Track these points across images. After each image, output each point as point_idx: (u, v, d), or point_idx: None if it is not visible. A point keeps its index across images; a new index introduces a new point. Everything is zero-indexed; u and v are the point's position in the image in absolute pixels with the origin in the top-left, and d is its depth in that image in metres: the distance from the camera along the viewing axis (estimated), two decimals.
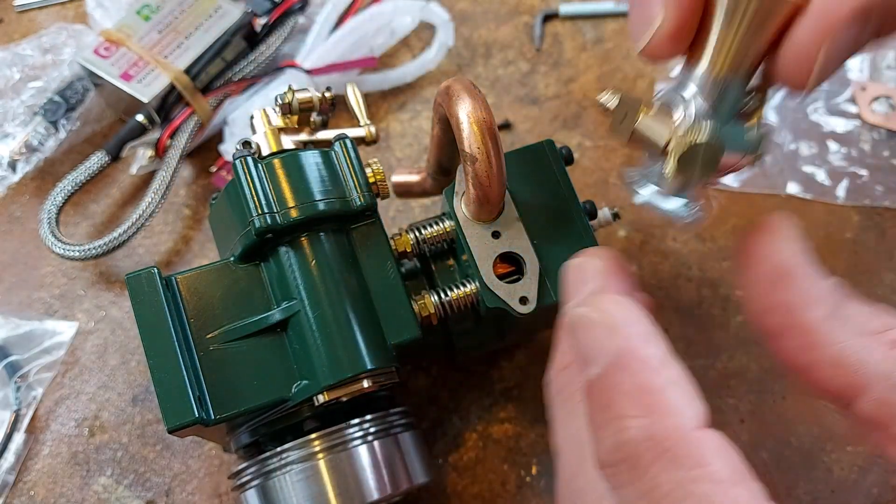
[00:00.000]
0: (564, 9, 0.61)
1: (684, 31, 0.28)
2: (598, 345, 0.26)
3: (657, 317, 0.45)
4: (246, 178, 0.37)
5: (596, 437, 0.26)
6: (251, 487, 0.38)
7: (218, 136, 0.56)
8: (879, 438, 0.27)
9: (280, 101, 0.41)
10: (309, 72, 0.56)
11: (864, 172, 0.53)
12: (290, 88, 0.41)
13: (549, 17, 0.61)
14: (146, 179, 0.54)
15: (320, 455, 0.37)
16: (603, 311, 0.27)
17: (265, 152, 0.40)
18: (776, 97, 0.57)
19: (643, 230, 0.52)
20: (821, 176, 0.54)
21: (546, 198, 0.39)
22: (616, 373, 0.25)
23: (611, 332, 0.26)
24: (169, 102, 0.53)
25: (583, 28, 0.60)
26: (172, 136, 0.53)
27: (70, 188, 0.51)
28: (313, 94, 0.41)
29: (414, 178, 0.47)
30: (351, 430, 0.37)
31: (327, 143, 0.41)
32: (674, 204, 0.30)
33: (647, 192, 0.31)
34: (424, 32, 0.60)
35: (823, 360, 0.27)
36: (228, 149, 0.54)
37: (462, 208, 0.38)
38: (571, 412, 0.29)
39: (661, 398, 0.25)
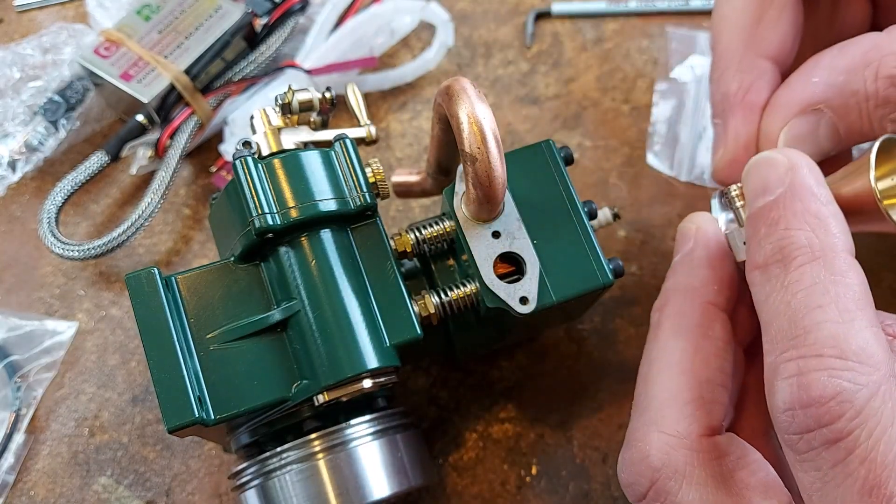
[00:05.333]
0: (557, 7, 0.61)
1: (737, 163, 0.38)
2: (777, 176, 0.32)
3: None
4: (246, 178, 0.37)
5: (755, 246, 0.32)
6: (251, 487, 0.38)
7: (218, 136, 0.56)
8: None
9: (280, 101, 0.41)
10: (309, 72, 0.56)
11: None
12: (290, 88, 0.41)
13: (542, 16, 0.61)
14: (146, 179, 0.54)
15: (320, 455, 0.37)
16: (787, 154, 0.33)
17: (265, 152, 0.40)
18: None
19: (643, 230, 0.52)
20: None
21: (546, 198, 0.39)
22: (790, 198, 0.31)
23: (791, 168, 0.32)
24: (169, 102, 0.53)
25: (583, 28, 0.60)
26: (172, 136, 0.53)
27: (70, 188, 0.51)
28: (313, 94, 0.41)
29: (414, 178, 0.47)
30: (351, 430, 0.37)
31: (327, 143, 0.41)
32: None
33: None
34: (424, 32, 0.60)
35: None
36: (228, 149, 0.54)
37: (462, 208, 0.38)
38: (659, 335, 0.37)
39: (825, 223, 0.30)
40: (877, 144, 0.33)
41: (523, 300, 0.37)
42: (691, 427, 0.33)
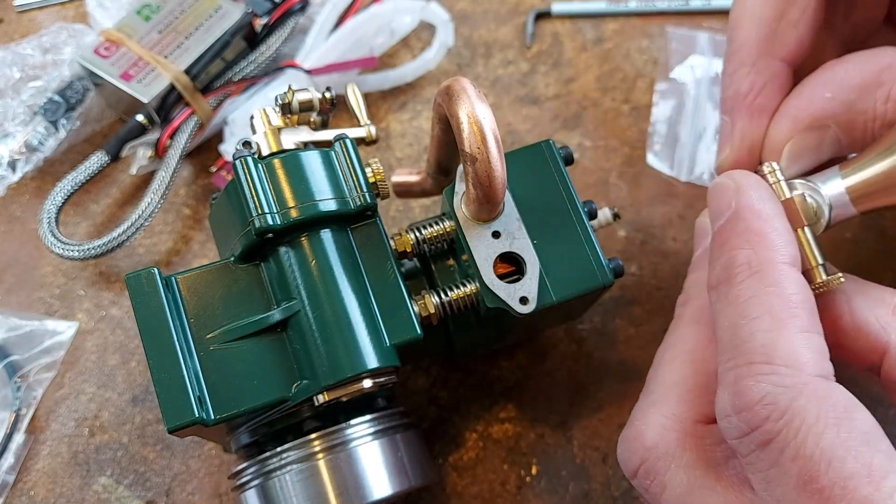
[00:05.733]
0: (557, 7, 0.61)
1: (741, 164, 0.39)
2: (726, 201, 0.34)
3: (657, 318, 0.45)
4: (246, 178, 0.37)
5: (710, 268, 0.34)
6: (251, 487, 0.38)
7: (218, 136, 0.56)
8: None
9: (280, 101, 0.41)
10: (309, 72, 0.56)
11: None
12: (290, 88, 0.41)
13: (542, 16, 0.61)
14: (146, 179, 0.54)
15: (320, 455, 0.37)
16: (734, 178, 0.35)
17: (265, 152, 0.40)
18: None
19: (643, 230, 0.52)
20: None
21: (546, 198, 0.39)
22: (735, 220, 0.33)
23: (737, 192, 0.34)
24: (169, 102, 0.53)
25: (583, 28, 0.60)
26: (172, 136, 0.53)
27: (70, 188, 0.51)
28: (313, 94, 0.41)
29: (414, 178, 0.47)
30: (351, 430, 0.37)
31: (327, 143, 0.41)
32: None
33: None
34: (424, 32, 0.60)
35: (850, 331, 0.34)
36: (228, 149, 0.54)
37: (462, 208, 0.38)
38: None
39: (764, 239, 0.32)
40: None
41: (523, 300, 0.37)
42: (689, 412, 0.34)
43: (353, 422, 0.38)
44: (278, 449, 0.37)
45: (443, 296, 0.38)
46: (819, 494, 0.27)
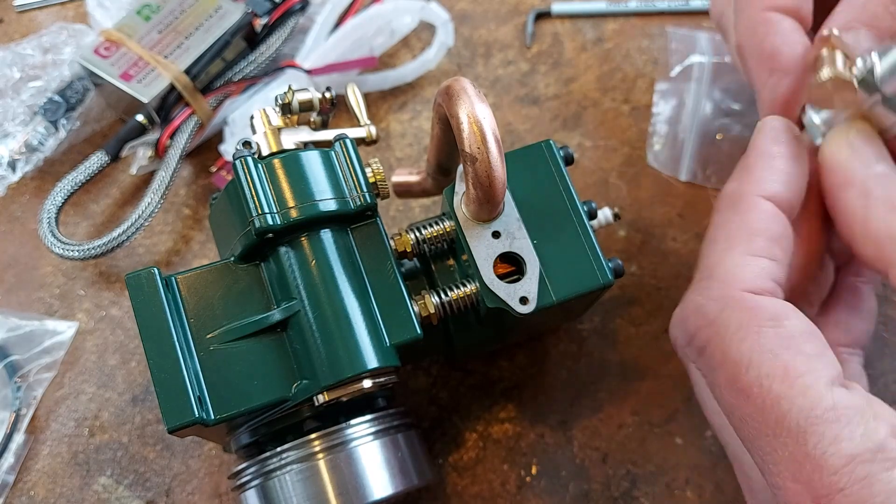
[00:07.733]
0: (557, 7, 0.61)
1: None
2: (752, 140, 0.37)
3: (657, 318, 0.45)
4: (246, 178, 0.37)
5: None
6: (251, 487, 0.38)
7: (218, 136, 0.56)
8: None
9: (280, 101, 0.41)
10: (309, 72, 0.56)
11: None
12: (290, 88, 0.41)
13: (542, 16, 0.61)
14: (146, 179, 0.54)
15: (320, 455, 0.37)
16: (765, 119, 0.37)
17: (265, 152, 0.40)
18: None
19: (643, 230, 0.52)
20: None
21: (546, 198, 0.39)
22: (746, 155, 0.36)
23: (758, 130, 0.37)
24: (169, 102, 0.53)
25: (583, 28, 0.60)
26: (172, 136, 0.53)
27: (70, 188, 0.51)
28: (313, 94, 0.41)
29: (414, 178, 0.47)
30: (351, 430, 0.37)
31: (327, 143, 0.41)
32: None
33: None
34: (424, 32, 0.60)
35: (859, 235, 0.34)
36: (228, 149, 0.54)
37: (462, 208, 0.38)
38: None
39: (750, 173, 0.35)
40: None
41: (523, 300, 0.37)
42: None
43: (353, 422, 0.38)
44: (278, 449, 0.37)
45: (443, 296, 0.38)
46: (742, 393, 0.30)
